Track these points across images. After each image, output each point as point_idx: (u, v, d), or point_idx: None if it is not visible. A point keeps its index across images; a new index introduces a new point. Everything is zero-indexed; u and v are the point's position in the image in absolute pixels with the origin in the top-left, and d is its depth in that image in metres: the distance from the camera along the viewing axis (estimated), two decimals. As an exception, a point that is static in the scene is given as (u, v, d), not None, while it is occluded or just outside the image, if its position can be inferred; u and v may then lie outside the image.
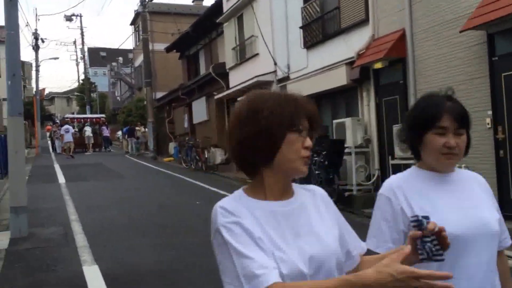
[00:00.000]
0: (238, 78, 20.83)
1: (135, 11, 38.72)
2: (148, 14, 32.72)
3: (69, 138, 33.05)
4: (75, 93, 70.76)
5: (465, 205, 2.13)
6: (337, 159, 12.77)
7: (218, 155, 21.98)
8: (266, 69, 18.55)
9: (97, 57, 70.57)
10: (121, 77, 51.73)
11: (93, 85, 63.02)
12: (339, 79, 14.07)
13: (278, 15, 17.99)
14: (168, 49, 32.00)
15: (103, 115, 46.04)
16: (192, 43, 29.23)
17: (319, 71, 15.19)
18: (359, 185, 13.05)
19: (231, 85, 21.60)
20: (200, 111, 25.79)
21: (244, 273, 1.53)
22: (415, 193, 2.15)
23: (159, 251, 8.47)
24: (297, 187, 1.81)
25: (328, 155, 12.74)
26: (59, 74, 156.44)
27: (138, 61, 41.74)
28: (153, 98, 32.90)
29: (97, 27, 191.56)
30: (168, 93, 32.04)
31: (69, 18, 55.77)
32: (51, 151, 37.87)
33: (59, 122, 44.83)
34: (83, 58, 61.63)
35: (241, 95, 19.63)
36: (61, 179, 19.58)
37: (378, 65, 12.69)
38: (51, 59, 58.90)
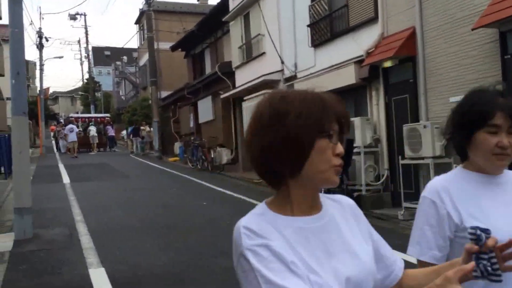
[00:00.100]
0: (244, 77, 20.66)
1: (140, 9, 38.67)
2: (153, 12, 32.64)
3: (73, 137, 33.14)
4: (79, 93, 70.78)
5: None
6: (346, 158, 12.51)
7: (224, 155, 21.88)
8: (273, 68, 18.36)
9: (102, 56, 70.54)
10: (126, 76, 51.70)
11: (98, 85, 63.02)
12: (347, 78, 13.89)
13: (285, 13, 17.82)
14: (173, 48, 31.85)
15: (108, 115, 46.01)
16: (197, 42, 29.07)
17: (327, 70, 15.00)
18: (368, 185, 12.93)
19: (237, 84, 21.43)
20: (205, 110, 25.64)
21: None
22: (462, 196, 1.97)
23: (167, 253, 8.31)
24: (323, 198, 1.59)
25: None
26: (63, 73, 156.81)
27: (142, 60, 41.67)
28: (158, 97, 32.82)
29: (101, 26, 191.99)
30: (173, 92, 31.92)
31: (73, 17, 55.90)
32: (55, 151, 37.87)
33: (63, 121, 44.83)
34: (88, 57, 61.74)
35: (247, 94, 19.53)
36: (66, 179, 19.50)
37: (387, 64, 12.54)
38: (55, 58, 59.42)
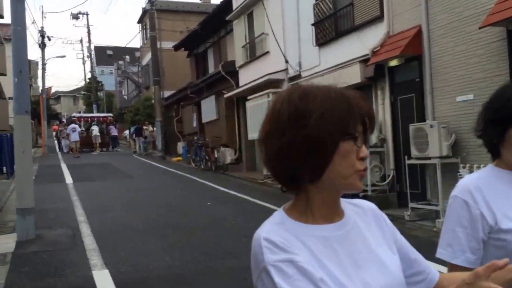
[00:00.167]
0: (248, 76, 20.53)
1: (142, 8, 38.54)
2: (156, 11, 32.53)
3: (75, 137, 33.09)
4: (82, 92, 70.72)
5: None
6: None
7: (227, 155, 21.78)
8: (277, 67, 18.23)
9: (104, 55, 70.47)
10: (128, 76, 51.60)
11: (100, 84, 62.90)
12: (353, 77, 13.74)
13: (289, 12, 17.69)
14: (176, 47, 31.71)
15: (111, 114, 45.89)
16: (200, 41, 28.94)
17: (332, 69, 14.87)
18: (374, 185, 12.78)
19: (241, 84, 21.30)
20: (209, 110, 25.50)
21: None
22: (496, 196, 1.84)
23: (172, 254, 8.18)
24: (343, 202, 1.45)
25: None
26: (65, 73, 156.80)
27: (145, 60, 41.55)
28: (161, 97, 32.70)
29: (103, 26, 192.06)
30: (176, 91, 31.77)
31: (75, 16, 55.84)
32: (58, 150, 37.79)
33: (65, 121, 44.74)
34: (90, 56, 61.61)
35: (251, 94, 19.38)
36: (69, 179, 19.40)
37: (393, 63, 12.41)
38: (58, 57, 59.28)
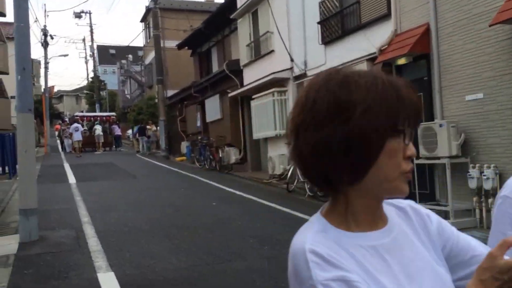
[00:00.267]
0: (252, 75, 20.35)
1: (146, 7, 38.45)
2: (159, 10, 32.38)
3: (78, 136, 33.01)
4: (84, 91, 70.60)
5: None
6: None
7: (232, 155, 21.62)
8: (282, 65, 18.06)
9: (107, 54, 70.39)
10: (131, 75, 51.50)
11: (103, 83, 62.77)
12: (359, 75, 13.59)
13: (294, 10, 17.51)
14: (179, 46, 31.59)
15: (114, 113, 45.73)
16: (204, 40, 28.79)
17: (338, 67, 14.68)
18: (381, 185, 12.57)
19: (245, 83, 21.13)
20: (213, 109, 25.34)
21: None
22: None
23: (178, 255, 8.00)
24: (384, 204, 1.25)
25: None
26: (68, 72, 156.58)
27: (148, 59, 41.45)
28: (165, 96, 32.56)
29: (106, 25, 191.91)
30: (180, 91, 31.62)
31: (78, 15, 55.73)
32: (60, 150, 37.67)
33: (68, 120, 44.64)
34: (93, 55, 61.50)
35: (256, 93, 19.21)
36: (72, 179, 19.25)
37: (401, 61, 12.25)
38: (60, 56, 59.04)
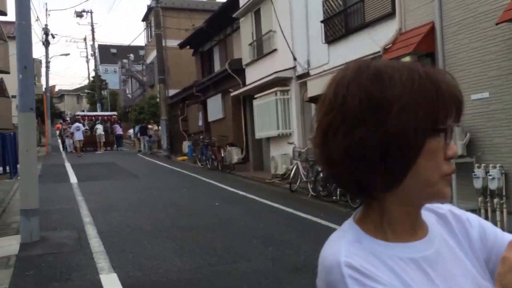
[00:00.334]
0: (255, 74, 20.22)
1: (148, 6, 38.38)
2: (161, 9, 32.24)
3: (79, 136, 32.94)
4: (86, 91, 70.50)
5: None
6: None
7: (234, 154, 21.53)
8: (284, 65, 17.94)
9: (108, 54, 70.29)
10: (132, 74, 51.40)
11: (104, 83, 62.66)
12: (364, 74, 13.48)
13: (297, 9, 17.39)
14: (181, 45, 31.45)
15: (115, 113, 45.62)
16: (206, 39, 28.66)
17: (342, 66, 14.48)
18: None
19: (248, 82, 21.01)
20: (215, 108, 25.22)
21: None
22: None
23: (182, 257, 7.88)
24: (422, 210, 1.11)
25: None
26: (69, 71, 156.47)
27: (150, 58, 41.33)
28: (166, 95, 32.44)
29: (107, 24, 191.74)
30: (181, 90, 31.47)
31: (79, 14, 55.59)
32: (62, 149, 37.56)
33: (69, 119, 44.55)
34: (94, 55, 61.37)
35: (258, 92, 19.10)
36: (73, 178, 19.13)
37: (406, 60, 12.13)
38: (62, 55, 58.86)
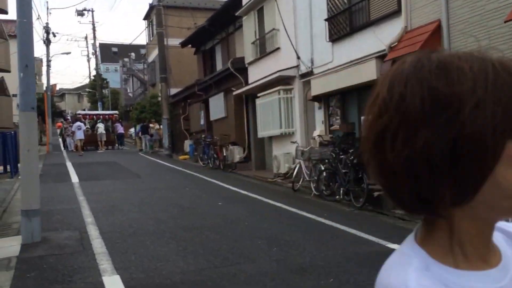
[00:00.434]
0: (258, 73, 20.06)
1: (149, 4, 38.16)
2: (163, 8, 32.08)
3: (80, 135, 32.84)
4: (87, 90, 70.35)
5: None
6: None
7: (236, 153, 21.40)
8: (288, 63, 17.78)
9: (109, 53, 70.08)
10: (134, 73, 51.26)
11: (105, 81, 62.49)
12: (368, 73, 13.31)
13: (301, 7, 17.23)
14: (183, 44, 31.28)
15: (116, 112, 45.45)
16: (208, 38, 28.52)
17: (346, 65, 14.44)
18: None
19: (250, 81, 20.86)
20: (218, 107, 25.07)
21: None
22: None
23: (186, 258, 7.72)
24: None
25: (358, 152, 12.22)
26: (70, 70, 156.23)
27: (151, 57, 41.17)
28: (168, 94, 32.31)
29: (109, 23, 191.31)
30: (183, 89, 31.30)
31: (80, 12, 55.43)
32: (63, 148, 37.41)
33: (70, 118, 44.44)
34: (95, 53, 61.20)
35: (261, 91, 18.94)
36: (74, 178, 18.95)
37: (412, 59, 11.99)
38: (63, 54, 58.69)
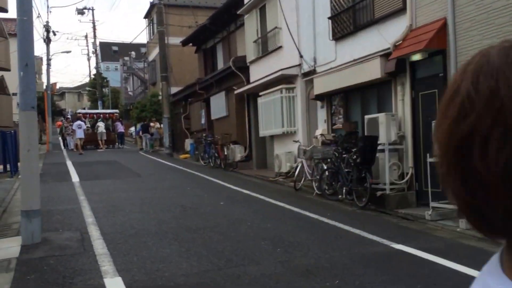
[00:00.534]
0: (259, 72, 19.92)
1: (150, 2, 38.01)
2: (163, 6, 31.93)
3: (80, 134, 32.74)
4: (87, 88, 70.21)
5: None
6: (370, 156, 12.09)
7: (237, 152, 21.26)
8: (290, 62, 17.63)
9: (109, 51, 69.98)
10: (134, 72, 51.09)
11: (105, 80, 62.33)
12: (372, 72, 13.18)
13: (304, 5, 17.06)
14: (184, 43, 31.13)
15: (117, 111, 45.27)
16: (209, 36, 28.37)
17: (350, 64, 14.30)
18: (392, 184, 12.24)
19: (252, 80, 20.72)
20: (219, 106, 24.93)
21: None
22: None
23: (189, 259, 7.57)
24: None
25: (361, 152, 12.14)
26: (70, 69, 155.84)
27: (152, 56, 41.03)
28: (169, 93, 32.18)
29: (109, 21, 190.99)
30: (184, 88, 31.17)
31: (81, 11, 55.22)
32: (63, 147, 37.27)
33: (70, 117, 44.31)
34: (95, 52, 61.02)
35: (262, 90, 18.84)
36: (75, 177, 18.78)
37: (416, 57, 11.84)
38: (63, 52, 58.59)
